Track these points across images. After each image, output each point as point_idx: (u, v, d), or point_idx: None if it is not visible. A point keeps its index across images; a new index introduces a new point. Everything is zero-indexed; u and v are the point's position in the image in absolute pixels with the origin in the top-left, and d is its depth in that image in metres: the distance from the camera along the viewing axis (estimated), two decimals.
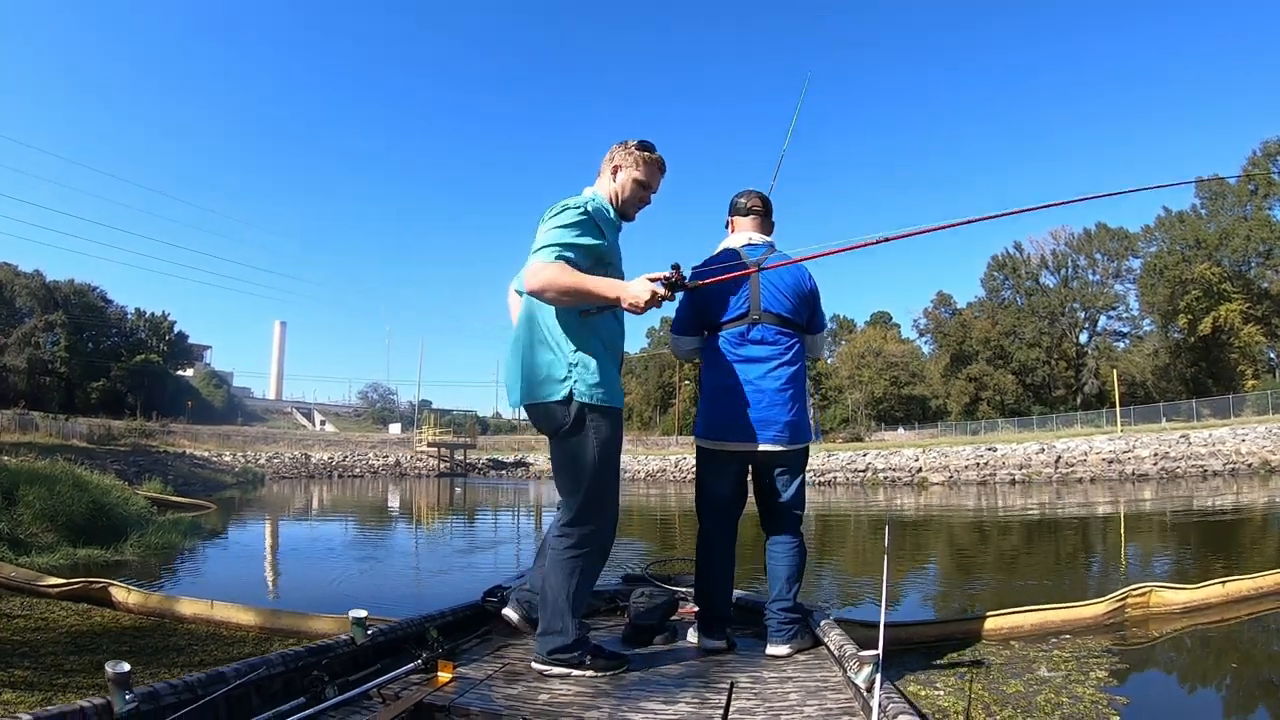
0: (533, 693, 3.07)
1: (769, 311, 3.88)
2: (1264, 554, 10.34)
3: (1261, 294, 65.80)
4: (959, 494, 29.49)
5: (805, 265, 3.99)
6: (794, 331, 3.94)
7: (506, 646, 3.85)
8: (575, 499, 3.38)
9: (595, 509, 3.39)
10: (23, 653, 4.68)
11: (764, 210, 4.19)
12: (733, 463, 3.98)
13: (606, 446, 3.35)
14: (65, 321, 67.14)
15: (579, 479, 3.34)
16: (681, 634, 4.06)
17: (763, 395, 3.82)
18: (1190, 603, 6.29)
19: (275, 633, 5.71)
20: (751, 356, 3.87)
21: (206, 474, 39.42)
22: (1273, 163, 66.38)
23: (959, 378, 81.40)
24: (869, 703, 2.52)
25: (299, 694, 2.77)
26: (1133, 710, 3.94)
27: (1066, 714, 3.81)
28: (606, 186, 3.56)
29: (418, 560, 12.70)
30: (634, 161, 3.54)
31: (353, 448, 64.15)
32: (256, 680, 2.74)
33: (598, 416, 3.31)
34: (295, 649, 3.06)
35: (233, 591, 7.45)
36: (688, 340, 4.17)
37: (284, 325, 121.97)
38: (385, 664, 3.31)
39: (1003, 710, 3.89)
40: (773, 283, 3.89)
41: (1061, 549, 12.63)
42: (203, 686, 2.53)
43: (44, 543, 9.40)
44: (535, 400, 3.34)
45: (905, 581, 9.24)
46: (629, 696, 3.05)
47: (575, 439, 3.30)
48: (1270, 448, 34.38)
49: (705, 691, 3.10)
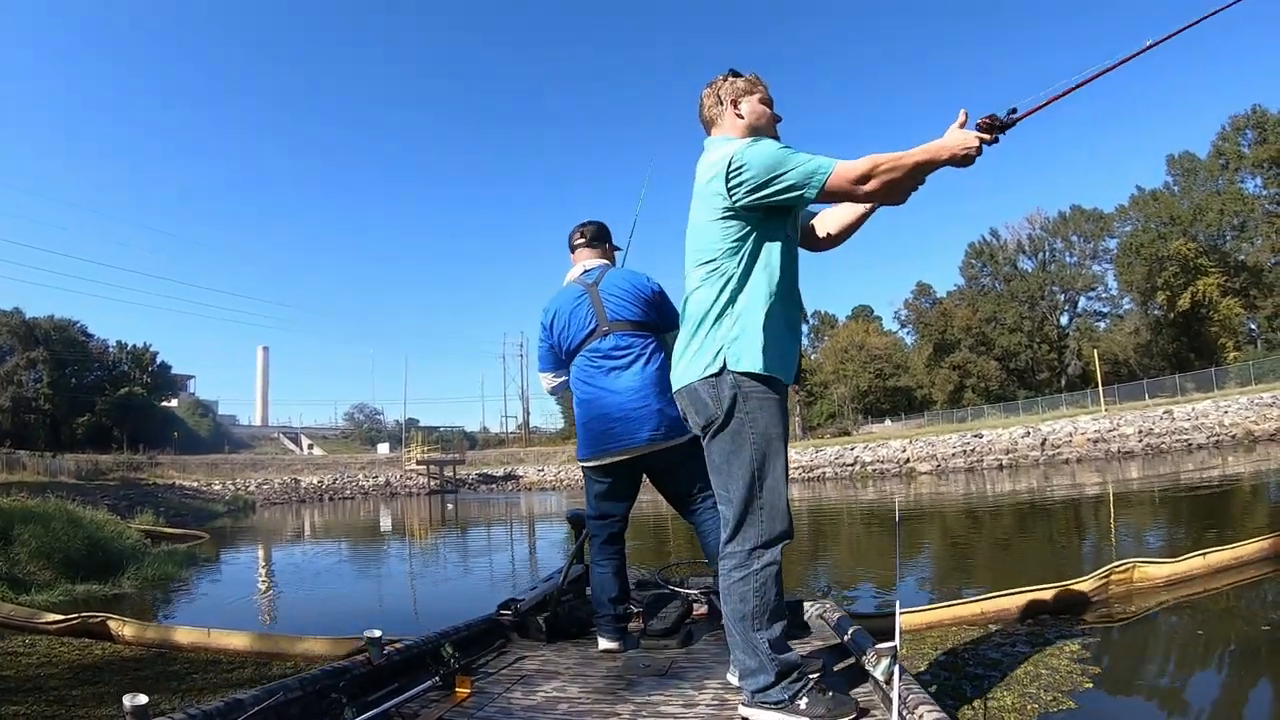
0: (551, 704, 3.05)
1: (617, 319, 3.97)
2: (1256, 522, 10.45)
3: (1238, 266, 66.27)
4: (947, 482, 29.67)
5: (642, 272, 4.15)
6: (648, 334, 4.01)
7: (523, 659, 3.83)
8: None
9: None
10: (28, 689, 4.75)
11: (588, 240, 4.33)
12: (621, 470, 4.00)
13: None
14: (47, 358, 66.53)
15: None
16: (696, 637, 4.02)
17: (631, 397, 3.86)
18: (1173, 576, 6.41)
19: (273, 657, 5.78)
20: (611, 366, 3.92)
21: (197, 504, 39.17)
22: (1241, 137, 67.04)
23: (943, 367, 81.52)
24: (889, 695, 2.52)
25: (317, 717, 2.77)
26: (1103, 677, 4.13)
27: (1044, 684, 3.99)
28: (737, 125, 3.10)
29: (413, 580, 12.73)
30: (747, 87, 3.14)
31: (342, 469, 63.67)
32: (274, 706, 2.68)
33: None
34: (312, 672, 3.02)
35: (230, 619, 7.53)
36: (548, 377, 4.28)
37: (267, 350, 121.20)
38: (402, 683, 3.26)
39: (984, 682, 4.08)
40: (611, 294, 4.01)
41: (1054, 530, 12.74)
42: (220, 715, 2.49)
43: (42, 580, 9.41)
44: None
45: (902, 570, 9.37)
46: (648, 702, 3.03)
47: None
48: (1253, 418, 34.68)
49: (724, 693, 3.08)
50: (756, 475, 2.77)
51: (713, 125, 3.17)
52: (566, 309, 4.09)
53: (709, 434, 2.87)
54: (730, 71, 3.19)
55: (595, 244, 4.31)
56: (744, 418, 2.78)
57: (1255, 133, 65.86)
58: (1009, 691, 3.92)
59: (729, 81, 3.15)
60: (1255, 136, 65.85)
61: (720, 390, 2.79)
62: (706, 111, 3.18)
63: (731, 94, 3.12)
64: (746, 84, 3.15)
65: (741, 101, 3.11)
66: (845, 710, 2.66)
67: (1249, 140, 66.57)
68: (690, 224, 3.03)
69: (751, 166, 2.75)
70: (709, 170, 2.93)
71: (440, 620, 4.33)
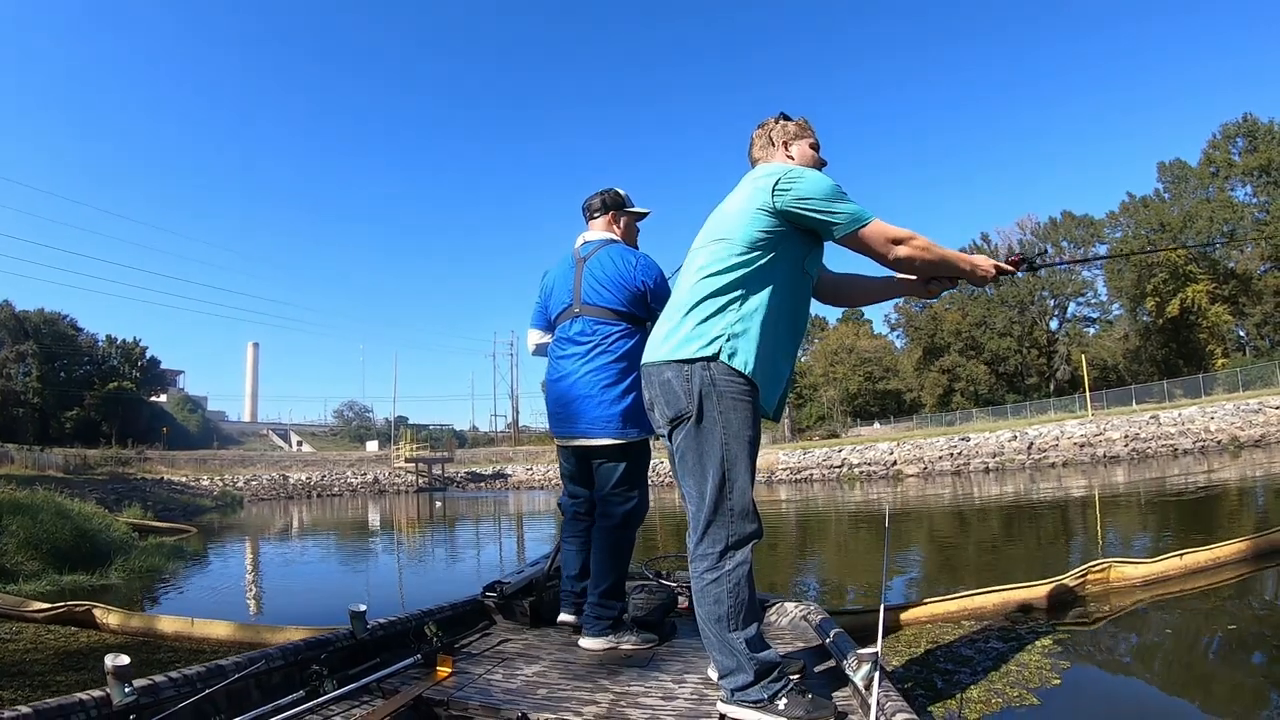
0: (531, 687, 3.06)
1: (588, 304, 3.94)
2: (1241, 527, 10.49)
3: (1227, 274, 66.48)
4: (933, 484, 29.76)
5: (641, 256, 4.06)
6: (621, 323, 3.93)
7: (506, 642, 3.85)
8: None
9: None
10: (14, 673, 4.80)
11: (597, 209, 4.25)
12: (569, 455, 4.06)
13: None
14: (36, 351, 66.28)
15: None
16: (681, 630, 4.05)
17: (576, 385, 3.87)
18: (1149, 576, 6.47)
19: (255, 646, 5.81)
20: (570, 352, 3.94)
21: (185, 499, 39.12)
22: (1232, 145, 67.30)
23: (932, 370, 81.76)
24: (867, 701, 2.53)
25: (298, 687, 2.77)
26: (1071, 675, 4.20)
27: (1012, 680, 4.06)
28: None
29: (400, 572, 12.74)
30: (797, 131, 3.25)
31: (330, 466, 63.71)
32: (255, 673, 2.72)
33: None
34: (294, 642, 3.05)
35: (215, 610, 7.55)
36: (535, 333, 4.30)
37: (257, 347, 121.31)
38: (385, 658, 3.30)
39: (954, 676, 4.16)
40: (594, 275, 3.97)
41: (1041, 533, 12.79)
42: (202, 680, 2.53)
43: (30, 570, 9.42)
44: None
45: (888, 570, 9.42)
46: (628, 692, 3.03)
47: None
48: (1239, 424, 34.91)
49: (704, 688, 3.09)
50: (726, 476, 2.75)
51: (764, 156, 3.25)
52: (556, 278, 4.13)
53: (677, 428, 2.84)
54: (781, 115, 3.28)
55: (601, 213, 4.22)
56: (716, 416, 2.75)
57: (1246, 141, 66.16)
58: (977, 686, 3.99)
59: (780, 125, 3.24)
60: (1246, 145, 66.15)
61: (694, 382, 2.76)
62: (757, 151, 3.26)
63: (783, 137, 3.22)
64: (797, 128, 3.24)
65: (792, 145, 3.21)
66: (823, 713, 2.66)
67: (1239, 148, 66.84)
68: (720, 209, 3.03)
69: (807, 181, 2.84)
70: (762, 171, 2.99)
71: (434, 599, 4.35)
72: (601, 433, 3.83)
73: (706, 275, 2.88)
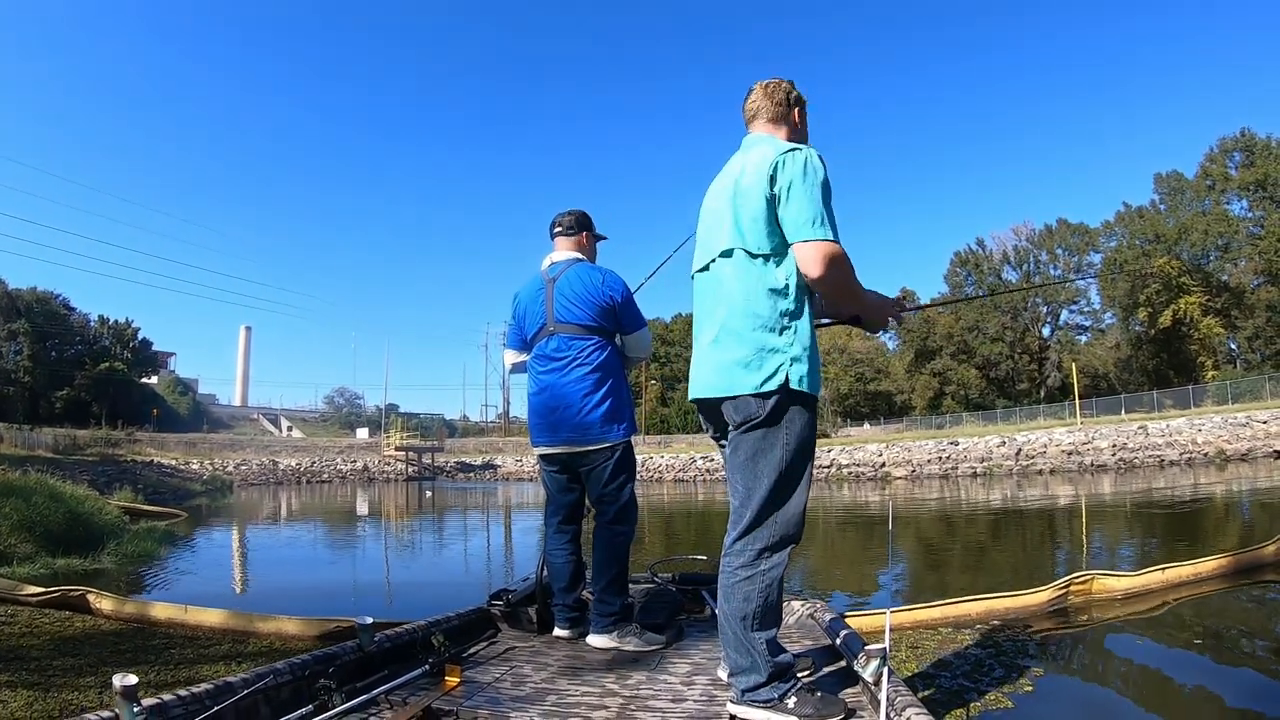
0: (540, 695, 3.06)
1: (561, 322, 4.03)
2: (1226, 540, 10.59)
3: (1220, 286, 66.77)
4: (921, 488, 29.87)
5: (607, 272, 4.13)
6: (594, 336, 4.03)
7: (513, 650, 3.86)
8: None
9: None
10: (10, 658, 4.86)
11: (564, 229, 4.32)
12: (553, 464, 4.15)
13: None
14: (28, 330, 66.05)
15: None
16: (688, 633, 4.06)
17: (559, 398, 3.98)
18: (1131, 589, 6.58)
19: (247, 634, 5.87)
20: (549, 368, 4.04)
21: (175, 482, 39.07)
22: (1229, 159, 67.51)
23: (923, 373, 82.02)
24: (876, 697, 2.52)
25: (307, 702, 2.76)
26: (1046, 682, 4.33)
27: (989, 684, 4.22)
28: (795, 132, 3.15)
29: (387, 562, 12.81)
30: (804, 105, 3.19)
31: (320, 453, 63.50)
32: (264, 689, 2.73)
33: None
34: (302, 657, 3.05)
35: (206, 595, 7.62)
36: (511, 354, 4.41)
37: (249, 330, 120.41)
38: (392, 670, 3.29)
39: (934, 680, 4.33)
40: (564, 294, 4.05)
41: (1027, 540, 12.91)
42: (211, 698, 2.52)
43: (23, 553, 9.47)
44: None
45: (875, 573, 9.55)
46: (637, 695, 3.03)
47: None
48: (1226, 437, 34.99)
49: (713, 689, 3.08)
50: (783, 478, 2.74)
51: (770, 120, 3.10)
52: (527, 301, 4.20)
53: (744, 429, 2.80)
54: (791, 83, 3.18)
55: (570, 234, 4.31)
56: (785, 423, 2.74)
57: (1243, 155, 66.47)
58: (955, 689, 4.10)
59: (795, 92, 3.15)
60: (1243, 159, 66.46)
61: (771, 403, 2.73)
62: (775, 105, 3.10)
63: (799, 104, 3.14)
64: (803, 101, 3.18)
65: (802, 115, 3.16)
66: (833, 711, 2.65)
67: (1236, 163, 67.12)
68: (742, 190, 2.85)
69: (814, 179, 2.72)
70: (781, 159, 2.77)
71: (415, 600, 4.39)
72: (586, 438, 3.95)
73: (731, 278, 2.85)
